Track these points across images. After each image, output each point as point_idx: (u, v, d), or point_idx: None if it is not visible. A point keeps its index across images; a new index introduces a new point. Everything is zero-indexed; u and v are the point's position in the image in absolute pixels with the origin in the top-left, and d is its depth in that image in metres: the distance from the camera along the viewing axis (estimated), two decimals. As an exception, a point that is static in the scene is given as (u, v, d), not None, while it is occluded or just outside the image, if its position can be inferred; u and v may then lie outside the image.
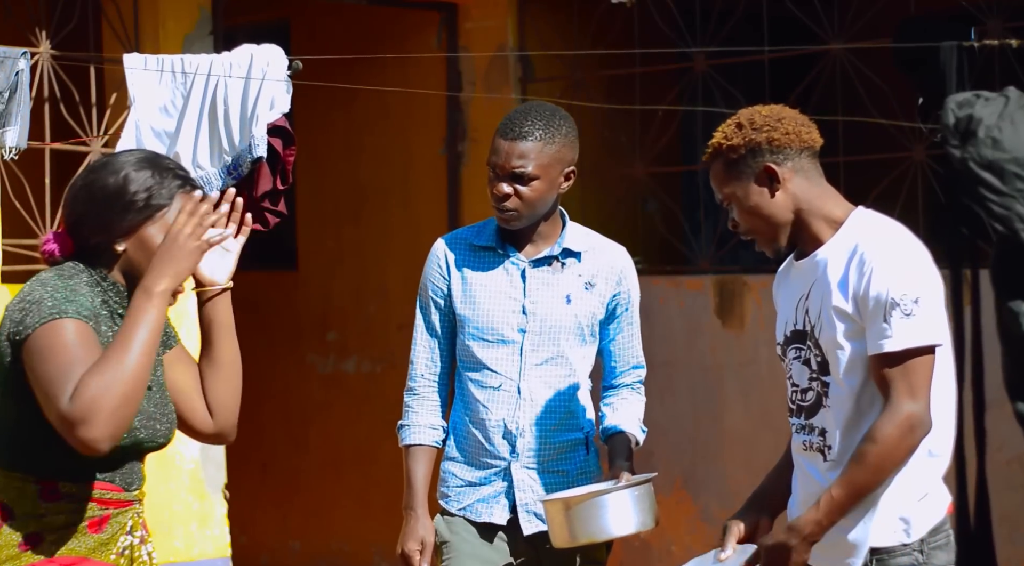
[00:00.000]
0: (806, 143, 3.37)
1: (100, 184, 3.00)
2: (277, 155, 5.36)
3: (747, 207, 3.38)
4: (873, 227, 3.34)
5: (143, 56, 5.59)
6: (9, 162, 5.43)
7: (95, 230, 2.99)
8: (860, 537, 3.31)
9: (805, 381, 3.39)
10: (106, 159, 3.07)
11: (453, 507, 3.93)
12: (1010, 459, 5.46)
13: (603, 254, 3.95)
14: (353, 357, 8.16)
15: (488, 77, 7.39)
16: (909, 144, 6.38)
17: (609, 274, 3.93)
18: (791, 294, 3.45)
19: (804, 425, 3.41)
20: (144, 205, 2.99)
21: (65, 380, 2.82)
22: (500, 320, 3.88)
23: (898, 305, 3.19)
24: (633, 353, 4.00)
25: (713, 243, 7.03)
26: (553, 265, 3.90)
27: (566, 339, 3.88)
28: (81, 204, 3.01)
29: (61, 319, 2.88)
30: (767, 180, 3.35)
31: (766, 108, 3.42)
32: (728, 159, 3.37)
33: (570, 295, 3.89)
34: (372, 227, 8.04)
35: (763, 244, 3.43)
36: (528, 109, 3.86)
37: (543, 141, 3.79)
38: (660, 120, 7.06)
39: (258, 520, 8.20)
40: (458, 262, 3.95)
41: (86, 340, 2.88)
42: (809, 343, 3.36)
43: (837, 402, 3.32)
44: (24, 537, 2.94)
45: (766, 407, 6.38)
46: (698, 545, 6.58)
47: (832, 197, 3.41)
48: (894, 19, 6.31)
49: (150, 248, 2.99)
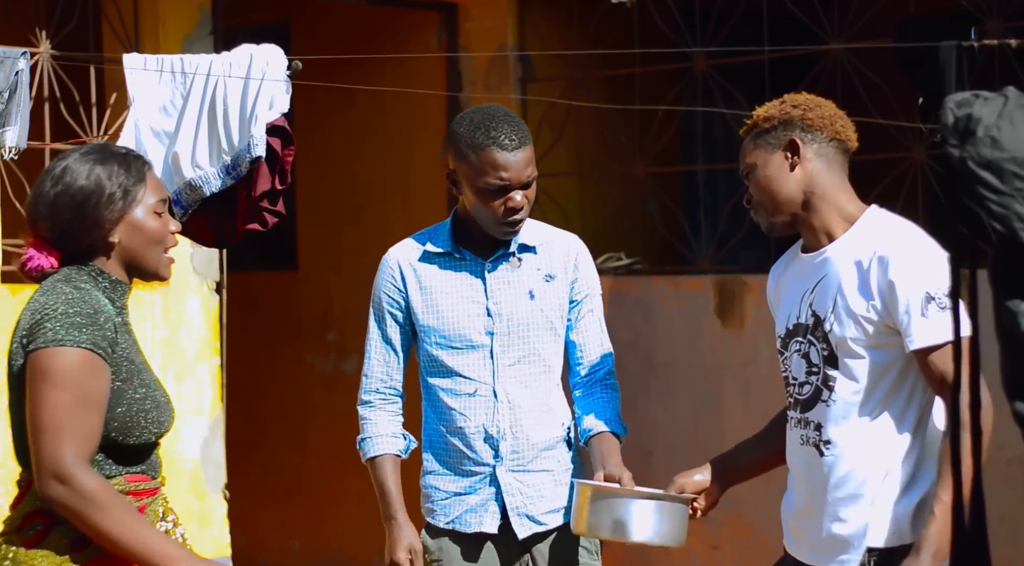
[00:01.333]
0: (838, 134, 3.42)
1: (76, 188, 3.08)
2: (276, 155, 5.36)
3: (762, 175, 3.41)
4: (888, 226, 3.36)
5: (143, 56, 5.59)
6: (9, 162, 5.43)
7: (88, 231, 3.08)
8: (858, 536, 3.32)
9: (803, 375, 3.40)
10: (63, 164, 3.13)
11: (440, 521, 3.88)
12: (1010, 459, 5.46)
13: (557, 244, 3.90)
14: (353, 357, 8.15)
15: (488, 77, 7.39)
16: (909, 144, 6.39)
17: (565, 262, 3.88)
18: (795, 287, 3.45)
19: (800, 419, 3.42)
20: (124, 192, 3.09)
21: (71, 423, 2.90)
22: (466, 325, 3.83)
23: (933, 299, 3.22)
24: (598, 341, 3.92)
25: (713, 243, 7.03)
26: (511, 262, 3.85)
27: (536, 335, 3.83)
28: (65, 211, 3.09)
29: (84, 350, 2.94)
30: (788, 151, 3.39)
31: (810, 95, 3.49)
32: (761, 129, 3.43)
33: (532, 290, 3.84)
34: (372, 227, 8.04)
35: (762, 216, 3.45)
36: (493, 117, 3.76)
37: (529, 145, 3.77)
38: (660, 120, 7.06)
39: (258, 520, 8.20)
40: (414, 271, 3.90)
41: (93, 376, 2.95)
42: (812, 337, 3.37)
43: (841, 398, 3.33)
44: (72, 540, 2.98)
45: (766, 407, 6.37)
46: (698, 545, 6.57)
47: (848, 192, 3.43)
48: (894, 19, 6.31)
49: (141, 229, 3.11)
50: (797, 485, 3.46)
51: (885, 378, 3.31)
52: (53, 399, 2.91)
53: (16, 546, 2.97)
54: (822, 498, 3.36)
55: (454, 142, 3.77)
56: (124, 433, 3.02)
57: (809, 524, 3.41)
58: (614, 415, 3.86)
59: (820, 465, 3.36)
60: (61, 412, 2.90)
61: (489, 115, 3.77)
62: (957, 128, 2.01)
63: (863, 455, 3.31)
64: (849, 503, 3.33)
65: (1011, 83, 2.12)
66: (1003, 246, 1.96)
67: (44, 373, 2.93)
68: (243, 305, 7.71)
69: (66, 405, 2.91)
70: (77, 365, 2.93)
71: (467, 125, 3.75)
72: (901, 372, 3.30)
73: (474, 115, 3.78)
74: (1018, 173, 1.97)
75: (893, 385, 3.31)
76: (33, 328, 2.97)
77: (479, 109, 3.83)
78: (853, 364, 3.31)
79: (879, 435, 3.31)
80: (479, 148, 3.71)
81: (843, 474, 3.33)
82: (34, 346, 2.95)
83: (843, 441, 3.33)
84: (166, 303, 5.97)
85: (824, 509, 3.36)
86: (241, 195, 5.39)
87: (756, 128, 3.44)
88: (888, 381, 3.31)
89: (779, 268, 3.59)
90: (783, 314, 3.49)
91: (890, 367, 3.30)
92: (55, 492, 2.90)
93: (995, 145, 1.99)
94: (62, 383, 2.91)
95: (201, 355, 6.13)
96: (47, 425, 2.90)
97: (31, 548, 2.96)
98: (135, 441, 3.03)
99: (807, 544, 3.43)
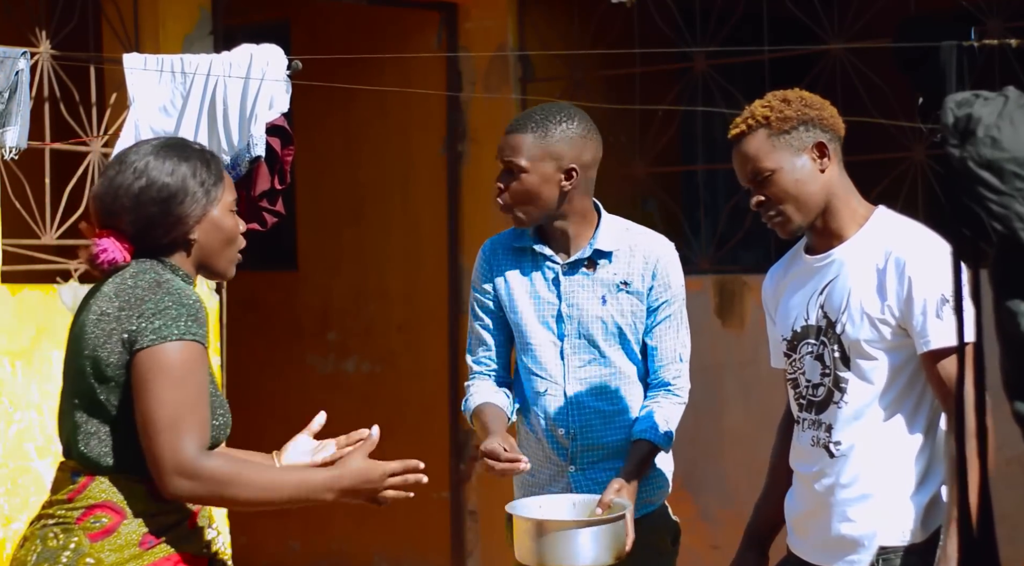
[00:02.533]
0: (840, 131, 3.40)
1: (161, 184, 3.08)
2: (276, 155, 5.36)
3: (790, 180, 3.33)
4: (901, 228, 3.34)
5: (143, 56, 5.59)
6: (9, 162, 5.43)
7: (171, 227, 3.08)
8: (868, 535, 3.31)
9: (817, 376, 3.38)
10: (144, 158, 3.11)
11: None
12: (1010, 459, 5.46)
13: (638, 250, 3.86)
14: (353, 357, 8.16)
15: (488, 77, 7.39)
16: (909, 144, 6.39)
17: (644, 270, 3.85)
18: (801, 289, 3.43)
19: (814, 421, 3.40)
20: (206, 192, 3.11)
21: (190, 417, 2.92)
22: (540, 324, 3.86)
23: (948, 301, 3.20)
24: (671, 348, 3.88)
25: (713, 243, 7.03)
26: (587, 267, 3.85)
27: (604, 341, 3.83)
28: (150, 205, 3.07)
29: (193, 342, 2.97)
30: (818, 155, 3.34)
31: (804, 91, 3.42)
32: (777, 130, 3.34)
33: (605, 296, 3.84)
34: (372, 227, 8.04)
35: (784, 222, 3.37)
36: (541, 106, 3.87)
37: (534, 134, 3.76)
38: (660, 120, 7.06)
39: (258, 520, 8.20)
40: (500, 266, 3.93)
41: (204, 368, 2.98)
42: (824, 338, 3.35)
43: (853, 399, 3.32)
44: (142, 536, 2.99)
45: (766, 407, 6.37)
46: (698, 545, 6.57)
47: (856, 193, 3.41)
48: (894, 19, 6.31)
49: (220, 227, 3.13)
50: (804, 486, 3.45)
51: (898, 380, 3.30)
52: (171, 397, 2.91)
53: (78, 536, 2.98)
54: (831, 498, 3.35)
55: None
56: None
57: (816, 524, 3.40)
58: (657, 422, 3.81)
59: (831, 465, 3.35)
60: (180, 408, 2.91)
61: (542, 106, 3.88)
62: (957, 128, 2.01)
63: (874, 456, 3.31)
64: (859, 503, 3.32)
65: (1011, 83, 2.11)
66: (1003, 246, 1.96)
67: (160, 369, 2.93)
68: (243, 305, 7.70)
69: (184, 401, 2.92)
70: (191, 359, 2.94)
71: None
72: (913, 373, 3.29)
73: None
74: (1018, 173, 1.97)
75: (905, 386, 3.30)
76: (138, 322, 2.96)
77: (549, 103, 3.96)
78: (866, 366, 3.30)
79: (891, 436, 3.30)
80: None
81: (854, 474, 3.32)
82: (145, 343, 2.95)
83: (854, 442, 3.32)
84: (166, 303, 5.96)
85: (833, 509, 3.35)
86: (241, 195, 5.39)
87: (769, 129, 3.35)
88: (900, 383, 3.30)
89: (779, 270, 3.56)
90: (787, 316, 3.46)
91: (903, 369, 3.29)
92: (184, 488, 2.92)
93: (995, 145, 1.99)
94: (180, 379, 2.92)
95: (201, 355, 6.13)
96: (167, 424, 2.90)
97: (97, 540, 2.97)
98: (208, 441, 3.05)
99: (814, 544, 3.42)
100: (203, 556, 3.09)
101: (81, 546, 2.97)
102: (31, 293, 5.75)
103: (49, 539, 3.02)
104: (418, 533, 7.66)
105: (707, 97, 6.85)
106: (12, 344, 5.70)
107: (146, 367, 2.95)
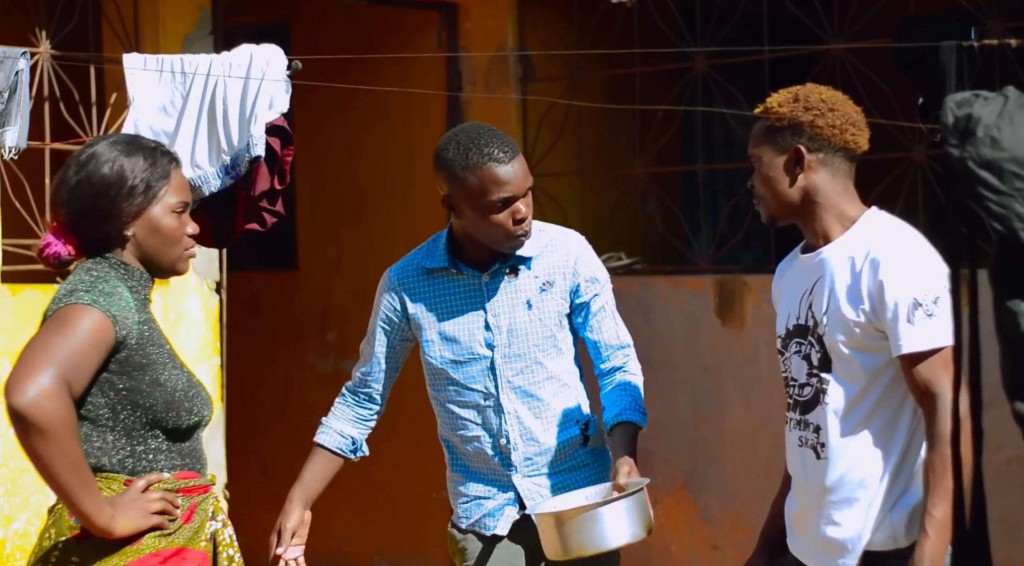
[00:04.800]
0: (847, 143, 3.36)
1: (99, 176, 3.06)
2: (275, 155, 5.36)
3: (764, 174, 3.39)
4: (884, 229, 3.33)
5: (143, 56, 5.59)
6: (9, 162, 5.43)
7: (104, 220, 3.07)
8: (853, 539, 3.31)
9: (803, 376, 3.38)
10: (89, 151, 3.12)
11: (463, 524, 3.94)
12: (1010, 459, 5.46)
13: (555, 250, 3.89)
14: (353, 357, 8.13)
15: (488, 77, 7.39)
16: (909, 144, 6.39)
17: (564, 268, 3.87)
18: (795, 288, 3.44)
19: (800, 421, 3.40)
20: (146, 188, 3.08)
21: (55, 357, 2.86)
22: (467, 338, 3.86)
23: (921, 305, 3.19)
24: (613, 335, 3.93)
25: (713, 243, 7.03)
26: (509, 274, 3.86)
27: (536, 345, 3.85)
28: (84, 198, 3.07)
29: (90, 307, 2.94)
30: (792, 161, 3.36)
31: (829, 92, 3.42)
32: (771, 124, 3.38)
33: (530, 300, 3.86)
34: (372, 227, 8.04)
35: (762, 209, 3.44)
36: (479, 135, 3.75)
37: (520, 152, 3.79)
38: (660, 120, 7.06)
39: (258, 520, 8.19)
40: (414, 291, 3.93)
41: (96, 338, 2.93)
42: (811, 338, 3.35)
43: (835, 401, 3.32)
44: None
45: (766, 407, 6.37)
46: (698, 545, 6.58)
47: (850, 197, 3.40)
48: (894, 19, 6.31)
49: (157, 227, 3.10)
50: (796, 487, 3.45)
51: (878, 382, 3.28)
52: (53, 341, 2.89)
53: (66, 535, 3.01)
54: (819, 500, 3.35)
55: (446, 168, 3.74)
56: (166, 413, 3.03)
57: (807, 525, 3.41)
58: (630, 403, 3.85)
59: (816, 467, 3.35)
60: (57, 353, 2.87)
61: (474, 134, 3.76)
62: (957, 128, 2.01)
63: (858, 459, 3.30)
64: (844, 507, 3.31)
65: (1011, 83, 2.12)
66: (1003, 246, 1.96)
67: (56, 321, 2.92)
68: (243, 305, 7.70)
69: (64, 349, 2.88)
70: (88, 322, 2.92)
71: (455, 148, 3.73)
72: (895, 376, 3.28)
73: (458, 137, 3.76)
74: (1018, 173, 1.97)
75: (887, 389, 3.29)
76: (57, 301, 2.98)
77: (459, 130, 3.82)
78: (845, 367, 3.29)
79: (874, 439, 3.29)
80: (476, 168, 3.70)
81: (838, 477, 3.32)
82: (53, 308, 2.96)
83: (838, 444, 3.31)
84: (166, 303, 5.97)
85: (820, 512, 3.35)
86: (240, 195, 5.39)
87: (768, 120, 3.38)
88: (881, 385, 3.29)
89: (783, 267, 3.58)
90: (783, 314, 3.48)
91: (883, 371, 3.28)
92: (10, 409, 2.82)
93: (995, 145, 1.99)
94: (70, 333, 2.90)
95: (201, 355, 6.13)
96: (38, 357, 2.86)
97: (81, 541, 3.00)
98: (182, 423, 3.04)
99: (806, 545, 3.43)
100: (200, 549, 3.08)
101: (68, 546, 2.98)
102: (31, 293, 5.75)
103: (45, 539, 3.03)
104: (418, 533, 7.66)
105: (707, 97, 6.84)
106: (12, 344, 5.70)
107: (46, 321, 2.95)
